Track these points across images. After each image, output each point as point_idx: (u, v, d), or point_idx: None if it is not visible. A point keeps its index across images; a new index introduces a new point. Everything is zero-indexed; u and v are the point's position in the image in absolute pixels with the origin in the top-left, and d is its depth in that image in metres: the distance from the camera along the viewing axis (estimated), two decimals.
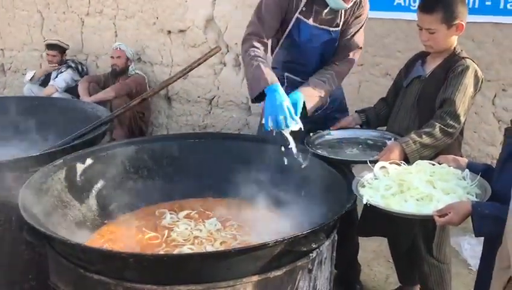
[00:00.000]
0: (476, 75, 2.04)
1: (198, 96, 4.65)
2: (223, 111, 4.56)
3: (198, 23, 4.42)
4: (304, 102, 2.19)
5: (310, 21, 2.29)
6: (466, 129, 3.43)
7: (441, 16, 1.97)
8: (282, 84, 2.33)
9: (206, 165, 2.23)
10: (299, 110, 2.14)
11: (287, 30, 2.33)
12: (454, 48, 2.09)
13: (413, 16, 3.23)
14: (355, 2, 2.29)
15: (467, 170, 1.77)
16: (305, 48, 2.35)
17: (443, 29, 1.99)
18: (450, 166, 1.82)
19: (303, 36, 2.32)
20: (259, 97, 2.19)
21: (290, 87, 2.39)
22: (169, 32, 4.63)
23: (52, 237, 1.47)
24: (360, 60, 3.25)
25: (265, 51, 2.30)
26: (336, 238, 1.79)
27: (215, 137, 2.53)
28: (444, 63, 2.09)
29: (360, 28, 2.37)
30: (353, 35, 2.36)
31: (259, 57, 2.22)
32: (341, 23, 2.32)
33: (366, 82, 3.72)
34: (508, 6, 3.01)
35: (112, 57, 4.59)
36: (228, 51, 4.38)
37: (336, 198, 1.87)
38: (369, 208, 1.68)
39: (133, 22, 4.82)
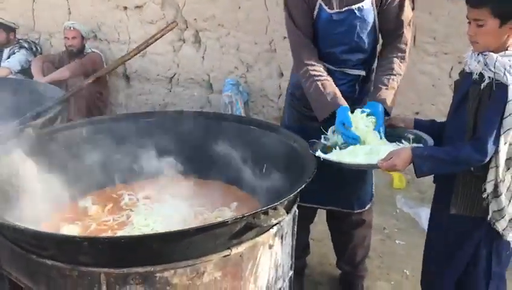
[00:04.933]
0: None
1: (158, 75, 4.54)
2: (184, 89, 4.48)
3: None
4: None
5: (331, 7, 2.11)
6: (424, 102, 3.54)
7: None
8: None
9: (165, 144, 2.17)
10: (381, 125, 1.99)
11: (314, 17, 2.16)
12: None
13: None
14: None
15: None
16: (329, 35, 2.17)
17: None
18: (400, 126, 2.02)
19: (324, 25, 2.15)
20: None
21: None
22: (125, 8, 4.48)
23: (0, 223, 1.41)
24: None
25: (316, 55, 2.16)
26: (297, 213, 1.79)
27: (173, 115, 2.44)
28: None
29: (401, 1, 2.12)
30: (398, 10, 2.13)
31: (316, 75, 2.10)
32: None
33: None
34: None
35: (66, 37, 4.39)
36: (187, 27, 4.28)
37: (298, 173, 1.87)
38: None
39: None
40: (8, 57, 4.72)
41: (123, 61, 2.96)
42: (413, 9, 2.35)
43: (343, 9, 2.09)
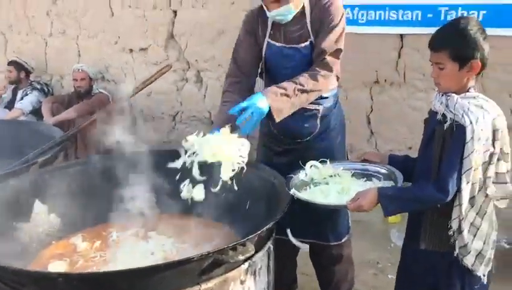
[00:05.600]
0: None
1: (162, 113, 4.70)
2: (187, 126, 4.63)
3: (159, 41, 4.49)
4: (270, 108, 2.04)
5: (279, 43, 2.24)
6: (416, 137, 3.58)
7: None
8: None
9: (152, 182, 2.27)
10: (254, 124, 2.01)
11: (263, 56, 2.30)
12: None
13: (362, 29, 3.39)
14: (319, 8, 2.18)
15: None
16: (282, 70, 2.27)
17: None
18: (375, 161, 2.08)
19: (276, 59, 2.27)
20: None
21: None
22: (131, 50, 4.70)
23: None
24: None
25: (239, 88, 2.24)
26: (272, 248, 1.86)
27: (158, 153, 2.53)
28: None
29: (333, 27, 2.16)
30: (326, 35, 2.17)
31: (224, 102, 2.23)
32: (312, 37, 2.22)
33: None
34: (448, 17, 3.14)
35: (74, 79, 4.61)
36: (189, 67, 4.46)
37: (277, 209, 1.94)
38: None
39: (96, 41, 4.87)
40: (21, 98, 4.97)
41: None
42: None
43: (288, 46, 2.22)
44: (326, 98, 2.34)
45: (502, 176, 1.74)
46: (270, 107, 2.04)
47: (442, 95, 1.73)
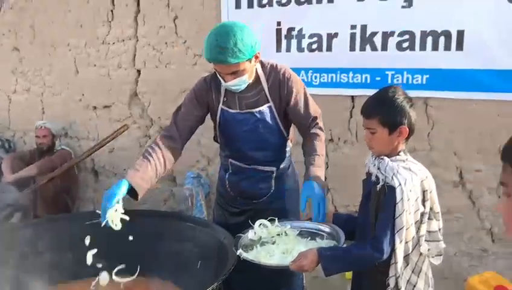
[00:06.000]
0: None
1: (124, 169, 4.71)
2: None
3: (122, 99, 4.57)
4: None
5: (233, 109, 2.34)
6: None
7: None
8: (227, 171, 2.49)
9: (104, 243, 2.28)
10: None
11: (217, 121, 2.41)
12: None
13: (316, 91, 3.54)
14: (277, 79, 2.31)
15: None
16: (236, 134, 2.38)
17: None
18: None
19: (230, 124, 2.37)
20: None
21: (236, 174, 2.48)
22: (94, 107, 4.76)
23: None
24: None
25: (167, 146, 2.33)
26: None
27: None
28: None
29: (305, 99, 2.37)
30: (304, 107, 2.36)
31: (146, 152, 2.28)
32: (271, 103, 2.34)
33: None
34: (395, 80, 3.34)
35: (37, 136, 4.62)
36: (152, 124, 4.53)
37: (223, 268, 1.98)
38: None
39: (60, 98, 4.92)
40: None
41: (75, 162, 3.15)
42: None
43: (244, 111, 2.32)
44: (281, 159, 2.45)
45: (435, 234, 1.84)
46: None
47: (375, 158, 1.85)
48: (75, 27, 4.66)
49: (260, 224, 2.18)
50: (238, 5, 3.82)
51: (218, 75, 2.27)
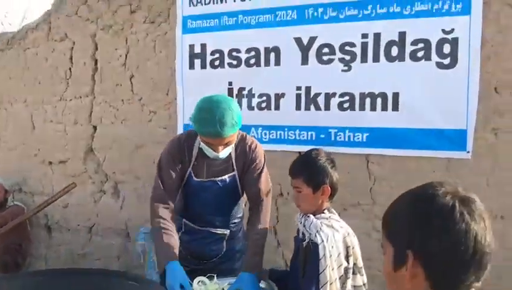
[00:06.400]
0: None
1: (78, 225, 4.69)
2: (103, 238, 4.61)
3: (78, 155, 4.61)
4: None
5: (199, 175, 2.40)
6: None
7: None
8: (179, 230, 2.50)
9: None
10: None
11: (184, 181, 2.46)
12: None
13: (265, 147, 3.68)
14: (245, 149, 2.43)
15: None
16: (197, 199, 2.46)
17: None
18: None
19: (192, 190, 2.44)
20: None
21: (188, 234, 2.53)
22: (50, 163, 4.77)
23: None
24: None
25: (171, 213, 2.38)
26: None
27: (66, 273, 2.56)
28: None
29: (261, 171, 2.47)
30: (256, 180, 2.44)
31: (165, 229, 2.30)
32: (235, 171, 2.44)
33: None
34: (337, 138, 3.52)
35: None
36: (107, 179, 4.57)
37: None
38: None
39: (15, 153, 4.93)
40: None
41: (23, 218, 3.14)
42: None
43: (206, 180, 2.41)
44: (235, 222, 2.54)
45: (360, 288, 1.94)
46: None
47: (302, 216, 1.96)
48: (33, 84, 4.74)
49: (199, 281, 2.23)
50: (191, 66, 4.00)
51: (205, 146, 2.31)
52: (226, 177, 2.43)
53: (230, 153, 2.40)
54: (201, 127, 2.23)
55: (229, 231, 2.56)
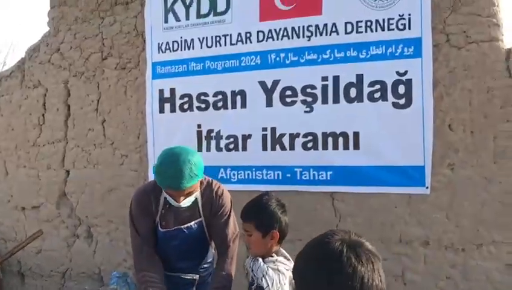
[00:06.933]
0: None
1: (51, 270, 4.66)
2: (76, 283, 4.58)
3: (51, 199, 4.63)
4: None
5: (167, 224, 2.45)
6: None
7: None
8: None
9: None
10: None
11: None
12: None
13: (234, 187, 3.76)
14: (211, 195, 2.47)
15: None
16: (165, 247, 2.50)
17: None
18: None
19: (161, 237, 2.48)
20: None
21: None
22: (23, 208, 4.77)
23: None
24: None
25: (153, 264, 2.42)
26: None
27: None
28: None
29: (228, 217, 2.50)
30: (223, 226, 2.48)
31: (149, 281, 2.34)
32: (202, 217, 2.49)
33: None
34: (303, 177, 3.62)
35: None
36: (80, 223, 4.58)
37: None
38: None
39: None
40: None
41: None
42: None
43: (173, 228, 2.46)
44: (204, 267, 2.59)
45: None
46: None
47: (252, 259, 2.03)
48: (6, 130, 4.80)
49: None
50: (161, 110, 4.11)
51: (167, 196, 2.36)
52: (192, 224, 2.48)
53: (196, 200, 2.45)
54: (161, 179, 2.30)
55: (198, 275, 2.60)
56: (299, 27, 3.63)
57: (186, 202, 2.36)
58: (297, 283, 1.11)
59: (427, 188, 3.34)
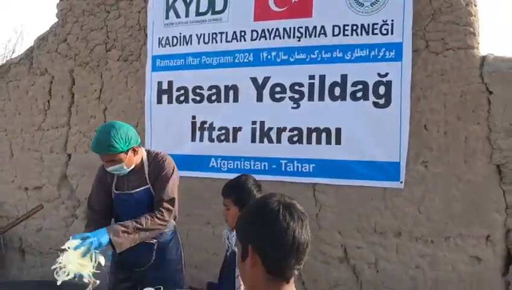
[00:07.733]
0: None
1: (50, 248, 4.93)
2: None
3: (52, 181, 4.90)
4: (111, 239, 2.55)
5: (121, 189, 2.84)
6: None
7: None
8: None
9: None
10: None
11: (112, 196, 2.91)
12: None
13: (223, 175, 4.01)
14: (156, 163, 2.82)
15: None
16: (121, 210, 2.86)
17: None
18: (195, 288, 2.48)
19: (116, 202, 2.88)
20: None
21: None
22: (26, 188, 5.05)
23: None
24: (185, 211, 3.86)
25: (95, 215, 2.87)
26: None
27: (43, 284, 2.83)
28: None
29: (166, 182, 2.79)
30: (161, 189, 2.79)
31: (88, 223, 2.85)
32: (149, 185, 2.83)
33: (192, 230, 4.31)
34: (288, 168, 3.87)
35: None
36: (80, 205, 4.84)
37: None
38: None
39: None
40: None
41: None
42: None
43: (124, 192, 2.82)
44: (162, 234, 2.84)
45: None
46: (111, 240, 2.50)
47: (229, 231, 2.29)
48: (13, 114, 5.07)
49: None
50: (159, 101, 4.37)
51: None
52: (140, 189, 2.82)
53: (144, 168, 2.82)
54: (91, 145, 2.75)
55: (156, 240, 2.84)
56: (290, 28, 3.87)
57: (112, 169, 2.74)
58: (241, 237, 1.35)
59: (401, 182, 3.58)
